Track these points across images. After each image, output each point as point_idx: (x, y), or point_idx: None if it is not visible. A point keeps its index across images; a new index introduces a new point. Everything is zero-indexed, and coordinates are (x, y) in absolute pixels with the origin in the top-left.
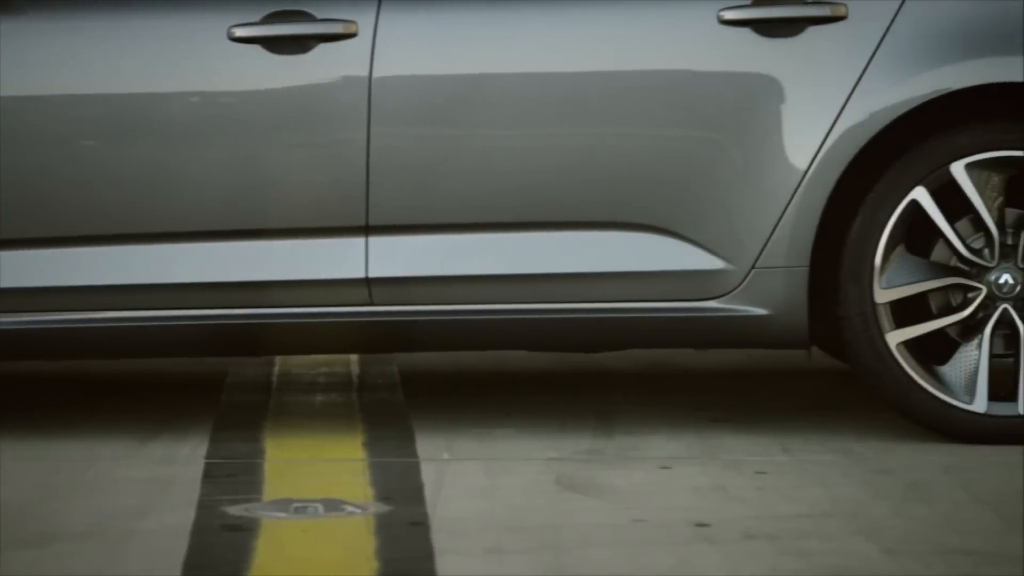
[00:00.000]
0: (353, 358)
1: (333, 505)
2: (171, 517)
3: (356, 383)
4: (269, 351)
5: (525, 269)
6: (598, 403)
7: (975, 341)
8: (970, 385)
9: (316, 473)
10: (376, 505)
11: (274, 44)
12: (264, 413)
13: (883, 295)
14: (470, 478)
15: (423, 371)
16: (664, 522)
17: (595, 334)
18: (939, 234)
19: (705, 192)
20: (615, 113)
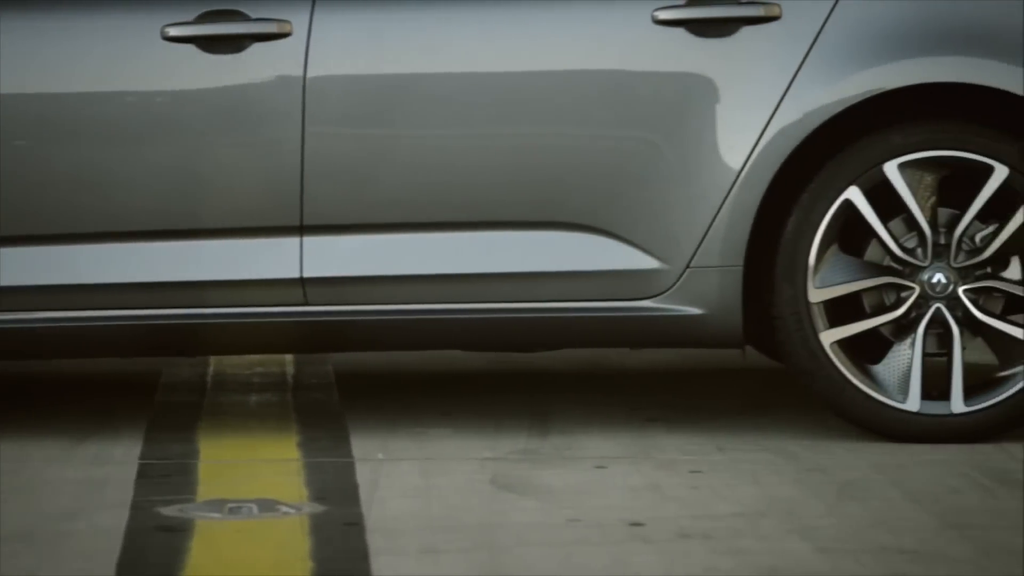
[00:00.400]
0: (288, 358)
1: (268, 505)
2: (105, 518)
3: (291, 383)
4: (204, 351)
5: (460, 269)
6: (534, 403)
7: (908, 340)
8: (903, 384)
9: (251, 473)
10: (311, 505)
11: (208, 44)
12: (198, 414)
13: (817, 295)
14: (405, 478)
15: (358, 371)
16: (599, 521)
17: (531, 334)
18: (872, 234)
19: (640, 192)
20: (550, 113)
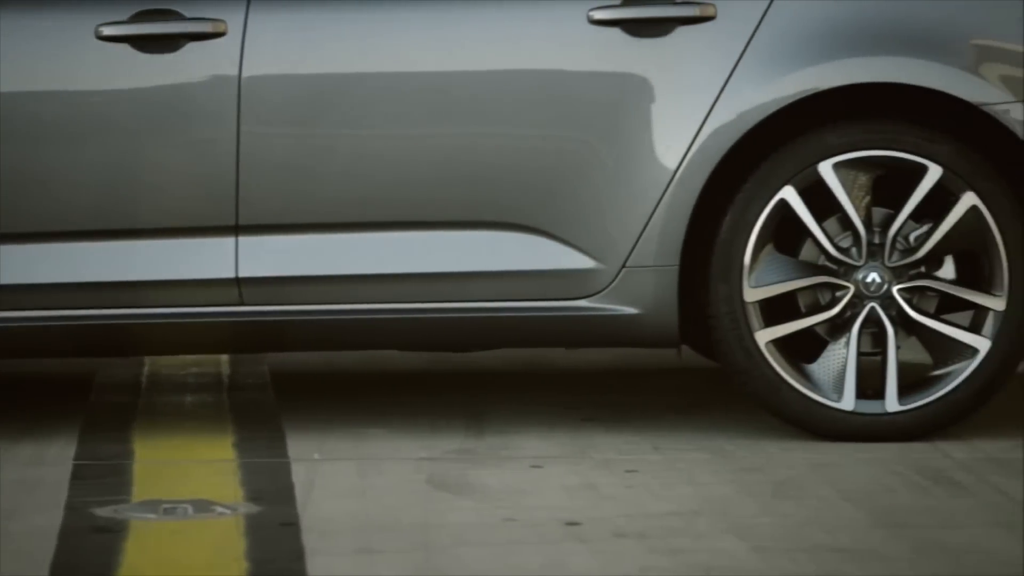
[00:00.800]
0: (224, 358)
1: (203, 506)
2: (39, 519)
3: (226, 383)
4: (138, 351)
5: (396, 269)
6: (470, 403)
7: (843, 339)
8: (838, 383)
9: (186, 474)
10: (246, 506)
11: (143, 43)
12: (133, 414)
13: (752, 294)
14: (341, 478)
15: (294, 371)
16: (535, 521)
17: (466, 334)
18: (807, 233)
19: (575, 191)
20: (485, 112)
